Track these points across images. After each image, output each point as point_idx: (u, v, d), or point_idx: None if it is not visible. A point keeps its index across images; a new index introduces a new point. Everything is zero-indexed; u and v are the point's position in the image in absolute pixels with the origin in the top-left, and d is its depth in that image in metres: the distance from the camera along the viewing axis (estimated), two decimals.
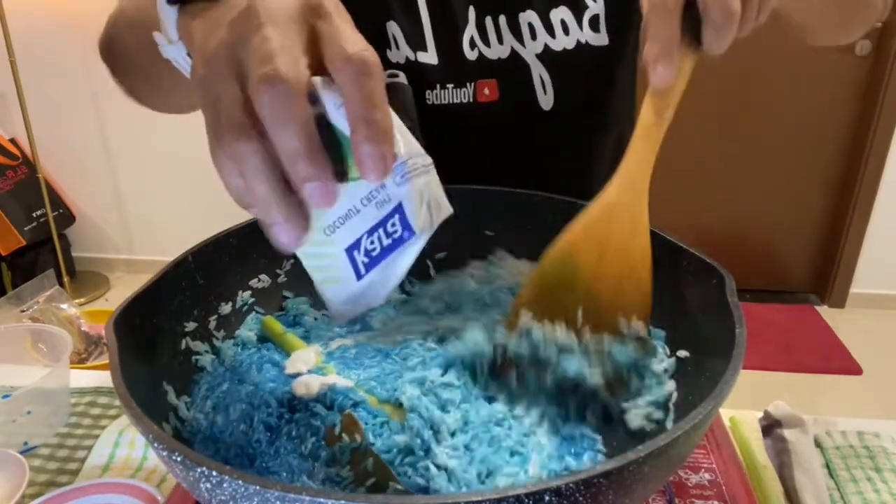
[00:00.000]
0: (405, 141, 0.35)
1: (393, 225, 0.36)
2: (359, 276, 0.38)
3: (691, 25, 0.42)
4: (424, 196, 0.35)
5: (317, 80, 0.32)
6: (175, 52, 0.42)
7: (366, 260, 0.37)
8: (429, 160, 0.37)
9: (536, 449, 0.45)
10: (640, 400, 0.48)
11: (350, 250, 0.38)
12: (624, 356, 0.48)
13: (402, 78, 0.72)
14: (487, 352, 0.50)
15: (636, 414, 0.47)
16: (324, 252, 0.38)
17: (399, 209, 0.35)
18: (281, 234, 0.32)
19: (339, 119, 0.32)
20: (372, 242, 0.37)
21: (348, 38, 0.32)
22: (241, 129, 0.30)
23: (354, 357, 0.53)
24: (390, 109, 0.33)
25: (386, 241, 0.36)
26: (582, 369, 0.47)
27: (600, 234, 0.49)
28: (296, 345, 0.55)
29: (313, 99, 0.32)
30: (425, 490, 0.42)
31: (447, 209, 0.38)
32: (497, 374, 0.49)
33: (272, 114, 0.30)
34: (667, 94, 0.46)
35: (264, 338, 0.57)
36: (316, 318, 0.59)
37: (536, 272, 0.51)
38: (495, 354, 0.49)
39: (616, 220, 0.49)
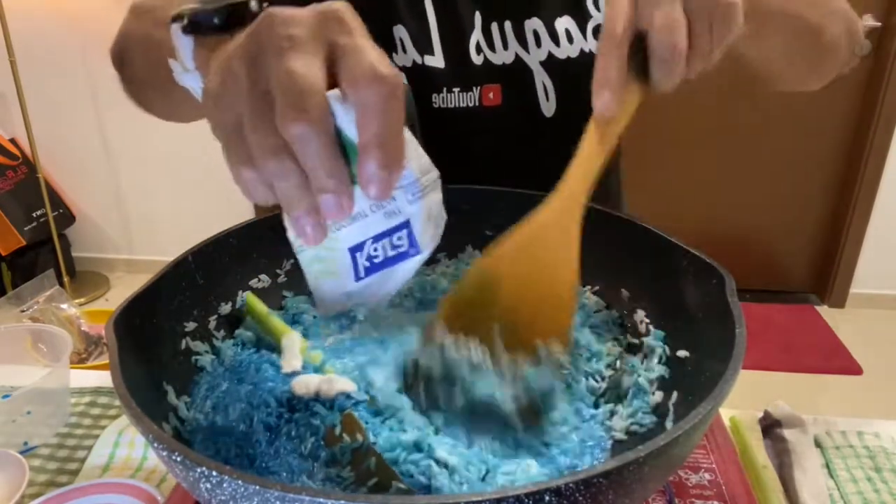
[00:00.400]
0: (418, 157, 0.35)
1: (399, 238, 0.36)
2: (357, 278, 0.38)
3: (641, 60, 0.42)
4: (433, 212, 0.36)
5: (331, 94, 0.32)
6: (191, 81, 0.41)
7: (367, 264, 0.38)
8: (436, 174, 0.37)
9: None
10: (623, 410, 0.48)
11: (353, 251, 0.38)
12: (538, 381, 0.46)
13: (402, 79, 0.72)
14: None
15: (619, 424, 0.47)
16: (327, 246, 0.38)
17: (407, 225, 0.36)
18: (307, 227, 0.33)
19: (350, 127, 0.32)
20: (376, 249, 0.37)
21: (374, 57, 0.32)
22: (275, 151, 0.31)
23: (348, 347, 0.53)
24: (405, 129, 0.33)
25: (391, 252, 0.37)
26: (493, 391, 0.45)
27: (526, 255, 0.48)
28: (279, 328, 0.54)
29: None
30: (427, 488, 0.42)
31: (444, 217, 0.38)
32: (408, 387, 0.48)
33: (301, 146, 0.30)
34: (609, 125, 0.46)
35: (263, 337, 0.57)
36: (315, 317, 0.59)
37: (457, 287, 0.50)
38: (405, 367, 0.48)
39: (543, 241, 0.48)
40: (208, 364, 0.53)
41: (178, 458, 0.32)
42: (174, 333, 0.51)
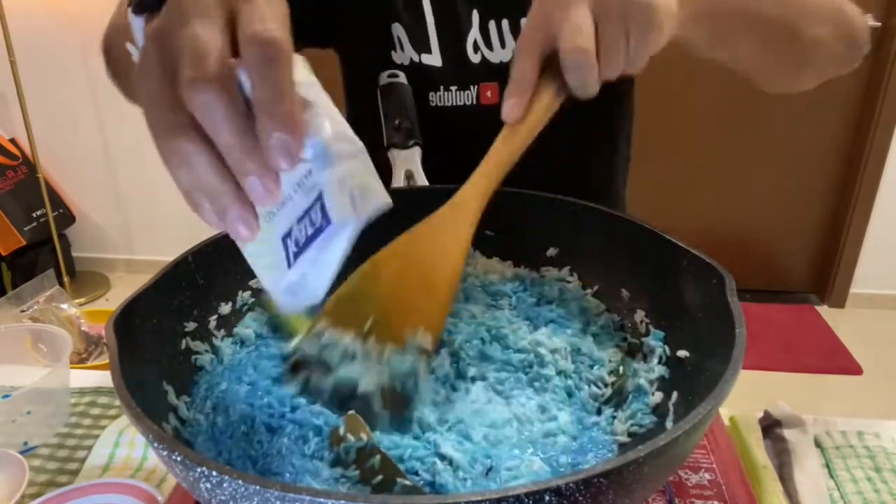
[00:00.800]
0: (333, 124, 0.33)
1: (315, 213, 0.34)
2: (289, 265, 0.37)
3: (558, 67, 0.43)
4: (347, 184, 0.33)
5: (240, 67, 0.31)
6: None
7: (295, 249, 0.36)
8: (359, 145, 0.35)
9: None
10: (622, 413, 0.49)
11: (285, 238, 0.36)
12: (401, 365, 0.48)
13: (402, 78, 0.72)
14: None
15: (620, 427, 0.47)
16: (263, 239, 0.37)
17: (320, 198, 0.34)
18: (238, 225, 0.32)
19: None
20: (301, 231, 0.35)
21: (263, 18, 0.31)
22: (179, 129, 0.30)
23: None
24: (322, 97, 0.31)
25: (309, 230, 0.35)
26: (356, 375, 0.47)
27: (408, 252, 0.49)
28: (297, 322, 0.54)
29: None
30: (431, 485, 0.42)
31: (380, 199, 0.35)
32: (293, 373, 0.50)
33: (204, 115, 0.30)
34: (518, 131, 0.46)
35: (263, 335, 0.57)
36: None
37: (343, 284, 0.50)
38: (290, 355, 0.50)
39: (429, 240, 0.49)
40: (207, 364, 0.53)
41: (178, 458, 0.32)
42: (174, 333, 0.51)
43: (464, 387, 0.50)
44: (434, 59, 0.71)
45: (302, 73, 0.33)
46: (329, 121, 0.33)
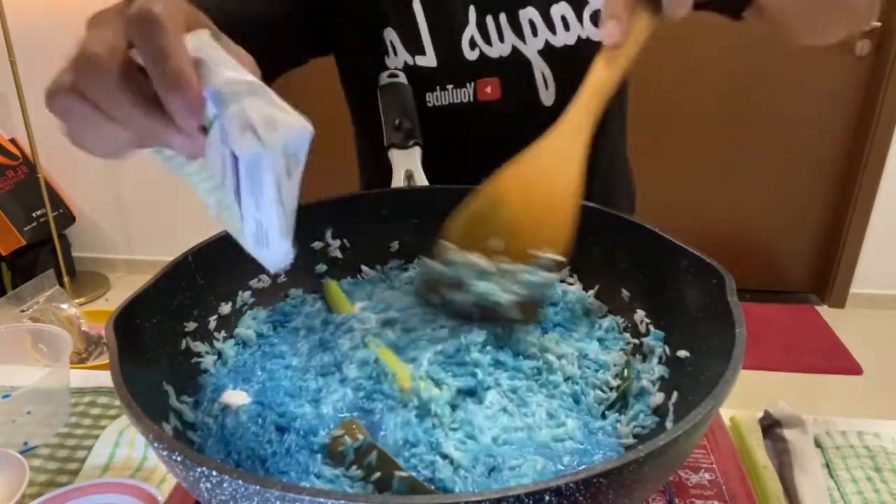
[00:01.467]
0: (228, 71, 0.35)
1: (228, 158, 0.36)
2: (242, 218, 0.38)
3: None
4: (244, 118, 0.34)
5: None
6: None
7: (236, 197, 0.37)
8: (256, 82, 0.35)
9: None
10: (623, 416, 0.49)
11: (236, 193, 0.37)
12: (535, 277, 0.51)
13: (402, 78, 0.72)
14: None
15: (624, 430, 0.47)
16: (224, 205, 0.38)
17: (226, 137, 0.35)
18: (177, 141, 0.34)
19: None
20: (231, 180, 0.36)
21: (138, 4, 0.33)
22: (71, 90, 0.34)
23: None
24: (215, 50, 0.34)
25: (232, 177, 0.36)
26: (493, 290, 0.51)
27: (528, 174, 0.51)
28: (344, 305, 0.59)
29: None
30: (430, 481, 0.42)
31: (291, 128, 0.35)
32: (427, 293, 0.54)
33: (101, 98, 0.33)
34: (616, 55, 0.48)
35: (264, 334, 0.57)
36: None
37: (463, 207, 0.53)
38: (421, 277, 0.55)
39: (546, 161, 0.51)
40: (210, 366, 0.53)
41: (179, 458, 0.32)
42: (174, 333, 0.51)
43: (480, 394, 0.50)
44: (428, 59, 0.71)
45: (199, 41, 0.35)
46: (224, 68, 0.34)
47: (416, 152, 0.69)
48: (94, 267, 2.90)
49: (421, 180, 0.68)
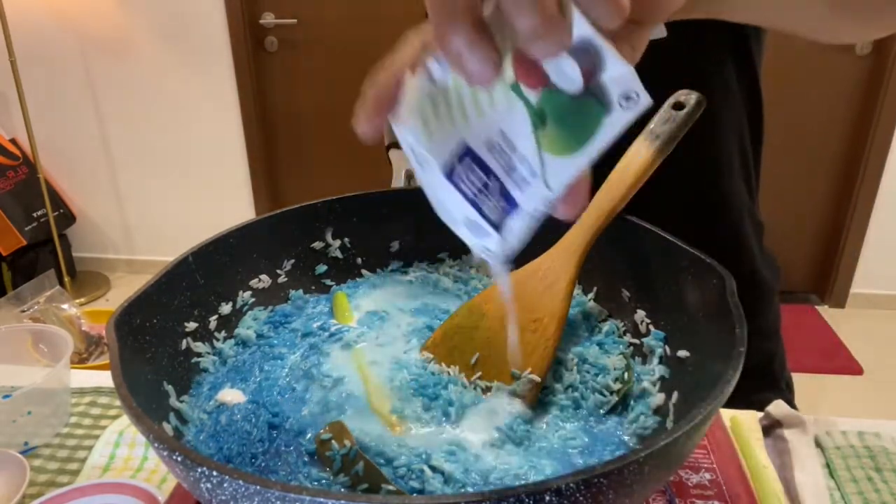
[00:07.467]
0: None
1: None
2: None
3: None
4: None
5: None
6: None
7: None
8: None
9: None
10: (624, 418, 0.48)
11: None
12: (503, 400, 0.49)
13: None
14: None
15: (626, 431, 0.47)
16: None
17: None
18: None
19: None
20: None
21: None
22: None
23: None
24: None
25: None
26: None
27: (516, 293, 0.52)
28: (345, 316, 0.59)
29: None
30: (420, 492, 0.41)
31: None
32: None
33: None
34: (620, 187, 0.51)
35: (264, 335, 0.57)
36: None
37: (449, 318, 0.54)
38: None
39: (536, 278, 0.52)
40: (210, 365, 0.53)
41: (179, 458, 0.32)
42: (174, 333, 0.51)
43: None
44: None
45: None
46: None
47: None
48: (94, 267, 2.90)
49: None
